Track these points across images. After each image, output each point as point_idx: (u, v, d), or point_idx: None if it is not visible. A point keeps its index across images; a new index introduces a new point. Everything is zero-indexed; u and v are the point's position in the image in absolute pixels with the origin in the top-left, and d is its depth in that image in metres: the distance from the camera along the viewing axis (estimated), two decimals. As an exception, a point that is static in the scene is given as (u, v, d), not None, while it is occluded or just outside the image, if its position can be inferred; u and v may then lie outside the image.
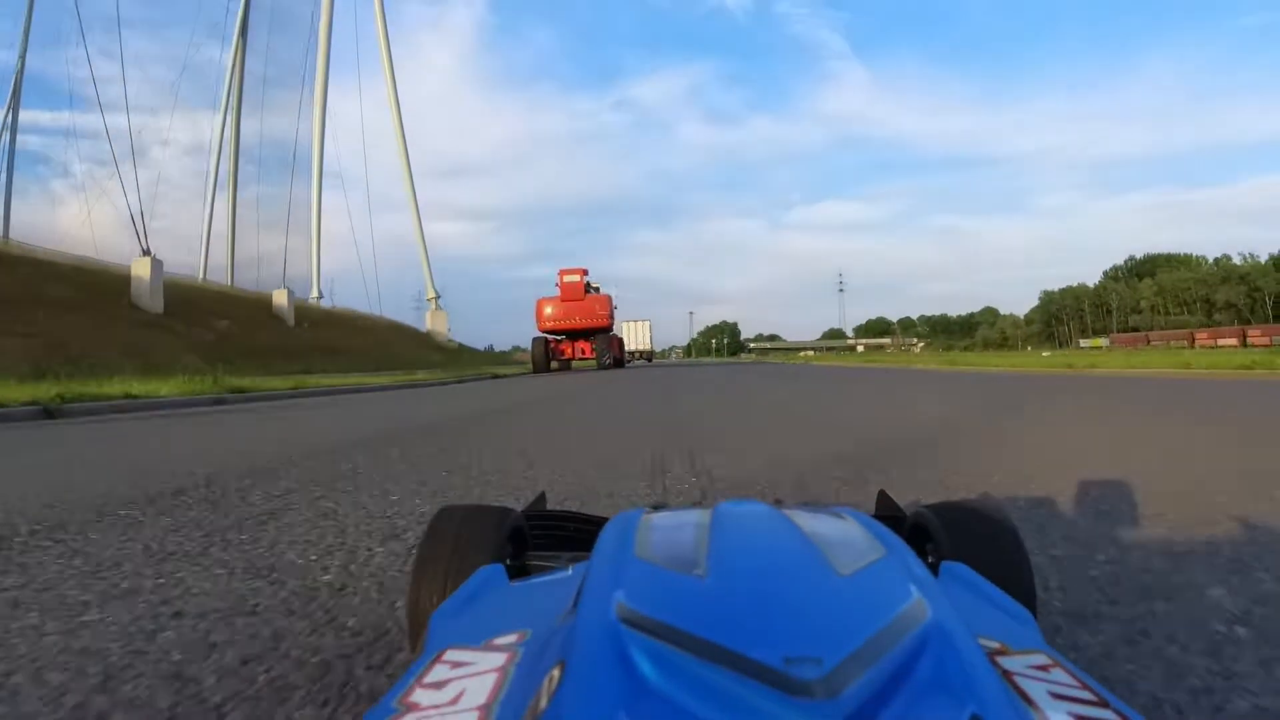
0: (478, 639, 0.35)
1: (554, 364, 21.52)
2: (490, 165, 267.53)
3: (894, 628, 0.28)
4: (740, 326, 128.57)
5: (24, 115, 25.58)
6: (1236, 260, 67.90)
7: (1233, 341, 31.53)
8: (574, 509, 0.91)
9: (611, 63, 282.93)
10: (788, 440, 2.90)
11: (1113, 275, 79.71)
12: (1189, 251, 74.09)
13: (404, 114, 30.77)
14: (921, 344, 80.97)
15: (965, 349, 44.04)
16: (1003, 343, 70.83)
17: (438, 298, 34.31)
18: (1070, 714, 0.27)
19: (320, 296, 28.50)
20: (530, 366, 21.17)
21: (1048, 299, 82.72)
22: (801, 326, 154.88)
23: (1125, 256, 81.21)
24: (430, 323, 33.56)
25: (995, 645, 0.34)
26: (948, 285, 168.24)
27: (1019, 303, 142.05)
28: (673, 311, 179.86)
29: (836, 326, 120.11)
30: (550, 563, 0.61)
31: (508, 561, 0.58)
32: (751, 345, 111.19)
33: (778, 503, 0.49)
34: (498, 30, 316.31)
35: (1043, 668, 0.32)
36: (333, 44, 29.81)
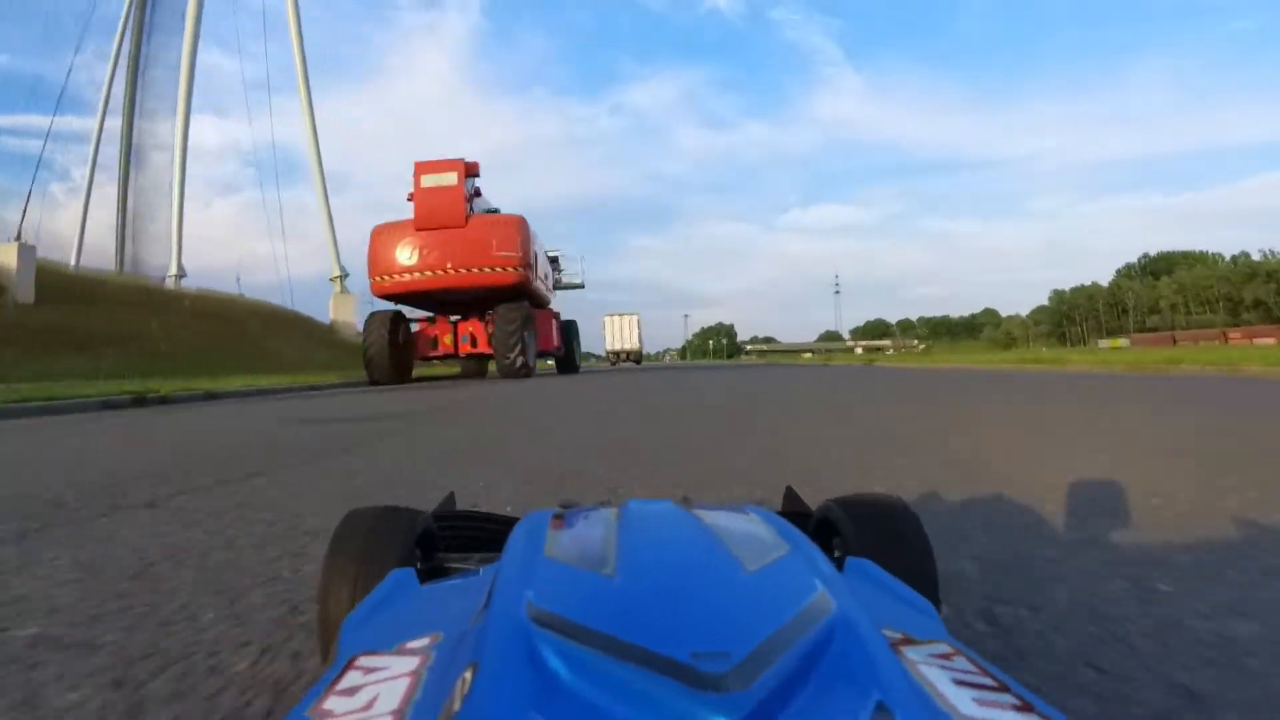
0: (389, 644, 0.34)
1: (418, 362, 12.09)
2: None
3: (799, 621, 0.29)
4: (736, 329, 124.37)
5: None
6: (1256, 257, 63.73)
7: (1270, 340, 29.28)
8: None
9: (607, 68, 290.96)
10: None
11: (1126, 274, 75.63)
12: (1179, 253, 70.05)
13: (311, 74, 25.78)
14: (923, 345, 76.91)
15: (954, 351, 39.98)
16: (1010, 344, 66.57)
17: (343, 277, 26.35)
18: (973, 699, 0.28)
19: (181, 275, 23.60)
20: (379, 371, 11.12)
21: (1058, 299, 78.60)
22: (796, 329, 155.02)
23: (1139, 255, 77.37)
24: (334, 311, 25.88)
25: (899, 636, 0.34)
26: (940, 288, 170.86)
27: (1014, 304, 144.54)
28: (668, 315, 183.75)
29: (833, 329, 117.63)
30: (461, 564, 0.60)
31: (418, 565, 0.56)
32: (749, 348, 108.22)
33: (685, 501, 0.50)
34: (492, 36, 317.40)
35: (945, 656, 0.32)
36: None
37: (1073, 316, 75.49)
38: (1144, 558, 0.94)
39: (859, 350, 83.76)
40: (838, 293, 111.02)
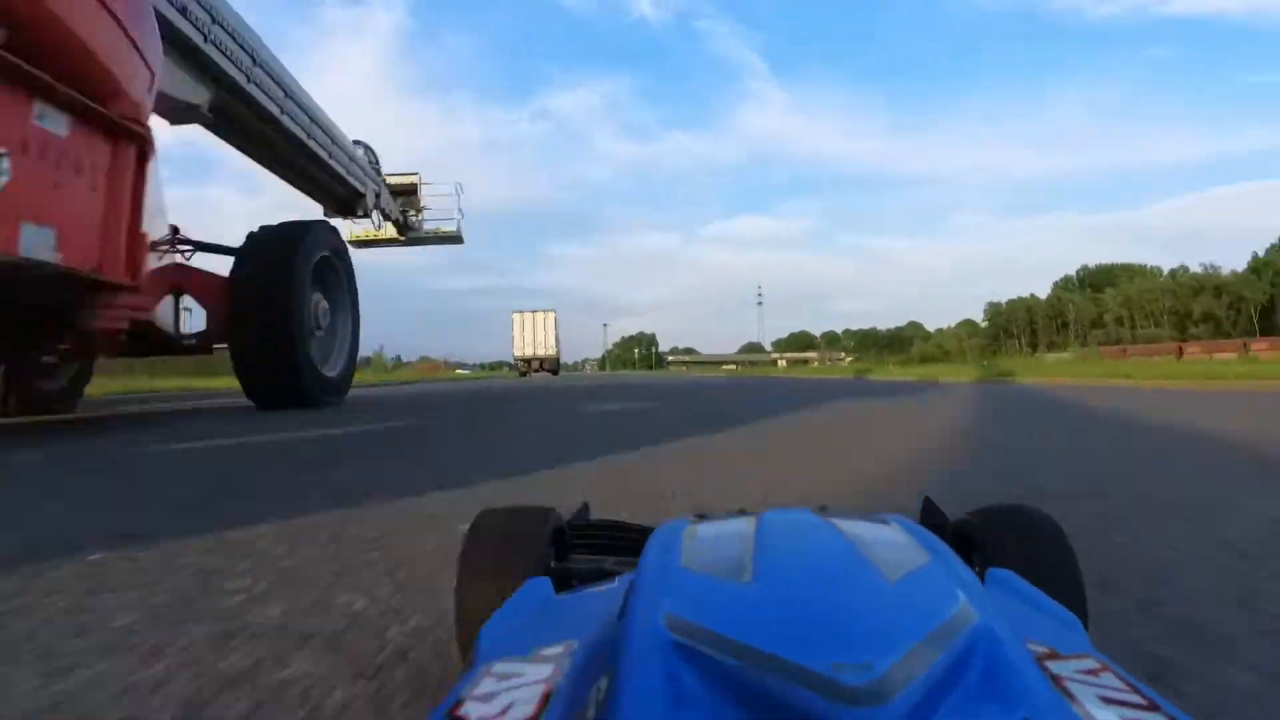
0: (525, 650, 0.35)
1: None
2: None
3: (942, 632, 0.29)
4: (657, 339, 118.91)
5: None
6: (1195, 270, 58.94)
7: (1231, 354, 27.36)
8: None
9: (531, 73, 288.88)
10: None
11: (1064, 286, 70.53)
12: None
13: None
14: (850, 358, 70.15)
15: (902, 363, 37.13)
16: (942, 357, 59.55)
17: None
18: (1120, 717, 0.28)
19: None
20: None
21: (994, 311, 72.85)
22: (717, 340, 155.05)
23: (1078, 267, 74.16)
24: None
25: (1044, 650, 0.34)
26: (862, 302, 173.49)
27: (937, 318, 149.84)
28: (587, 323, 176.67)
29: (755, 340, 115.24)
30: (595, 565, 0.61)
31: (552, 564, 0.58)
32: (670, 358, 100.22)
33: (823, 510, 0.48)
34: (416, 36, 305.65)
35: (1092, 671, 0.32)
36: None
37: (1010, 329, 69.08)
38: None
39: (782, 363, 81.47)
40: (760, 303, 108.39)
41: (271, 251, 5.07)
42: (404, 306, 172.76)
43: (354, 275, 6.29)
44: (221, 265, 5.12)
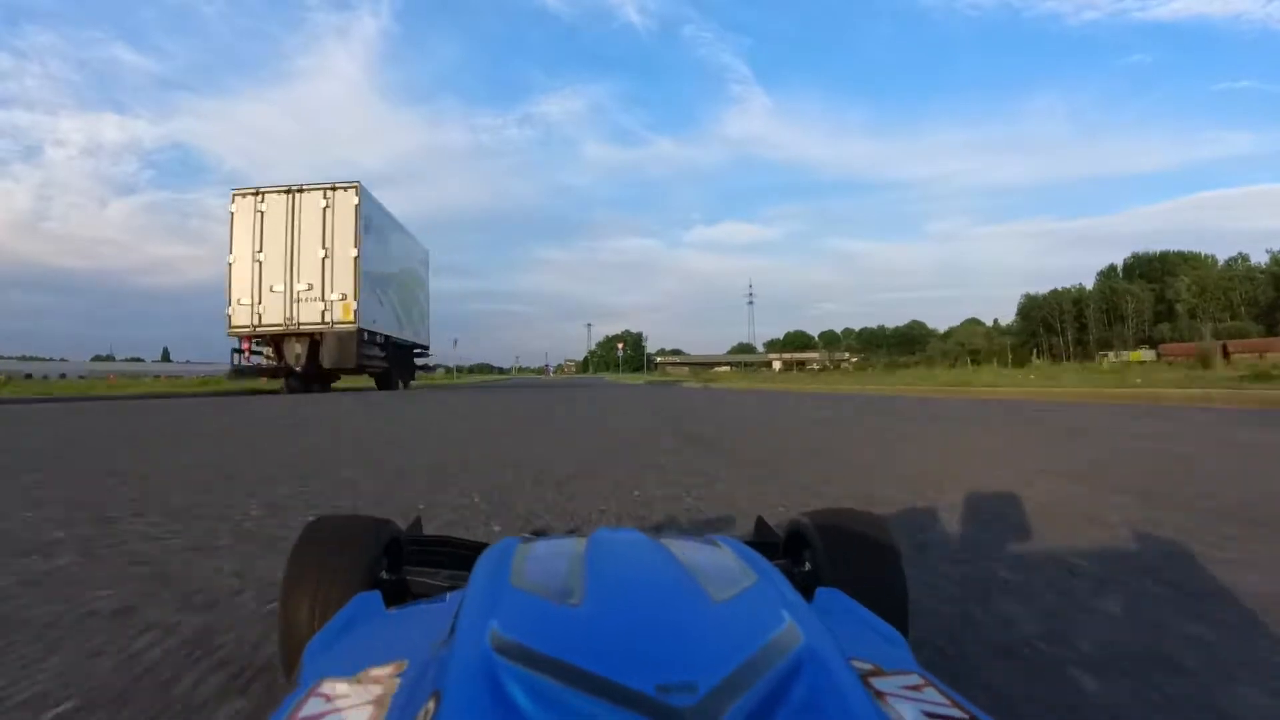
0: (353, 669, 0.35)
1: None
2: (392, 177, 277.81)
3: (767, 652, 0.29)
4: (645, 338, 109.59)
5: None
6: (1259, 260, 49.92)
7: None
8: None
9: (517, 78, 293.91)
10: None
11: (1108, 276, 60.88)
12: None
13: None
14: (854, 359, 61.48)
15: (919, 364, 31.51)
16: (974, 359, 49.98)
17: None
18: None
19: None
20: None
21: (1029, 304, 62.83)
22: (704, 342, 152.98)
23: (1125, 255, 63.73)
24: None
25: (868, 667, 0.34)
26: (842, 305, 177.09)
27: (933, 321, 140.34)
28: (571, 328, 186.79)
29: (745, 341, 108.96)
30: (427, 578, 0.62)
31: (384, 574, 0.60)
32: (659, 359, 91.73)
33: (654, 531, 0.53)
34: (402, 41, 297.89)
35: (915, 687, 0.32)
36: None
37: (1051, 324, 59.35)
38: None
39: (777, 365, 76.84)
40: (751, 302, 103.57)
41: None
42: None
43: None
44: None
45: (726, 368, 76.35)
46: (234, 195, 13.77)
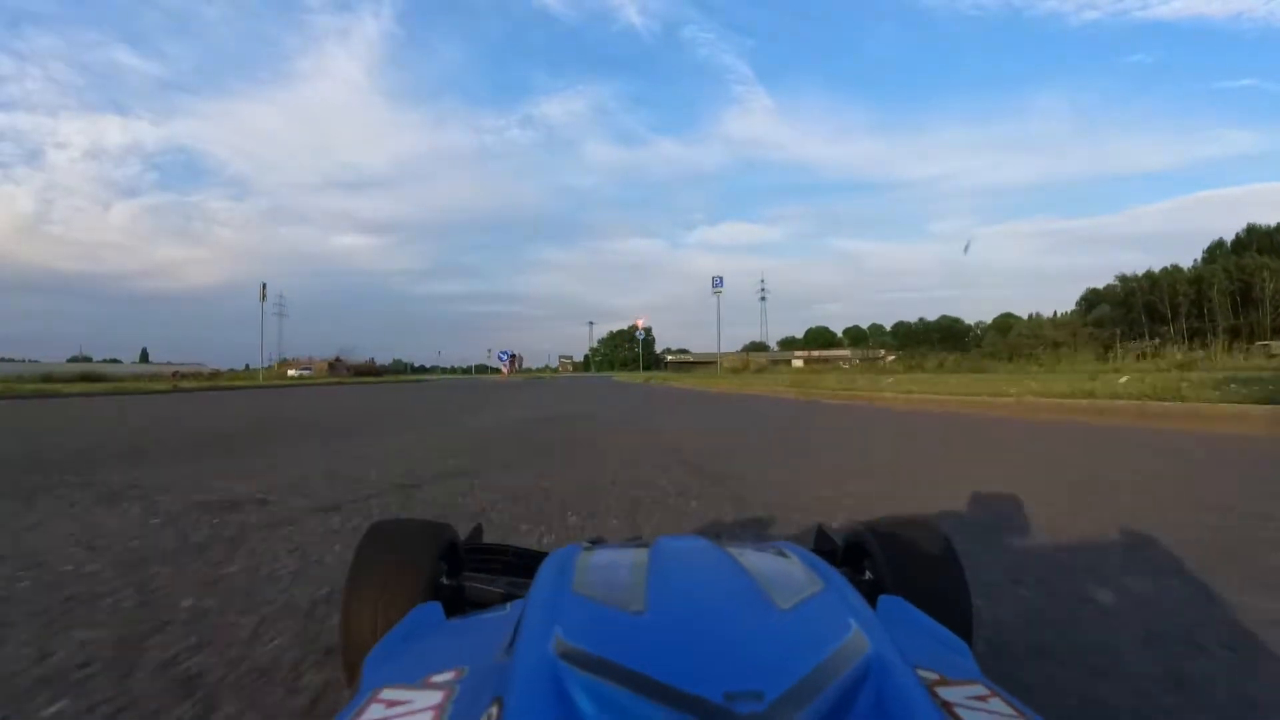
0: (414, 677, 0.35)
1: None
2: (395, 180, 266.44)
3: (834, 661, 0.29)
4: (654, 335, 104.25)
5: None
6: None
7: None
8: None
9: (519, 80, 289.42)
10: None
11: (1214, 253, 49.41)
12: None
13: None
14: (890, 357, 49.80)
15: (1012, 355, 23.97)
16: (1040, 352, 38.61)
17: None
18: None
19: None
20: None
21: (1125, 284, 51.12)
22: (711, 341, 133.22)
23: (1238, 229, 52.37)
24: None
25: (934, 676, 0.34)
26: (846, 305, 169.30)
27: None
28: (574, 329, 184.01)
29: (758, 340, 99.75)
30: (487, 585, 0.63)
31: (444, 579, 0.61)
32: (669, 358, 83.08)
33: (718, 538, 0.51)
34: (405, 44, 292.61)
35: (981, 698, 0.32)
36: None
37: (1157, 310, 47.67)
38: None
39: (797, 364, 66.89)
40: (764, 299, 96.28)
41: None
42: (379, 310, 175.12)
43: None
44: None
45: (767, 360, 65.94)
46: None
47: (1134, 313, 54.58)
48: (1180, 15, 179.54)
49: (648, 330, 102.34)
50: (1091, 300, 56.80)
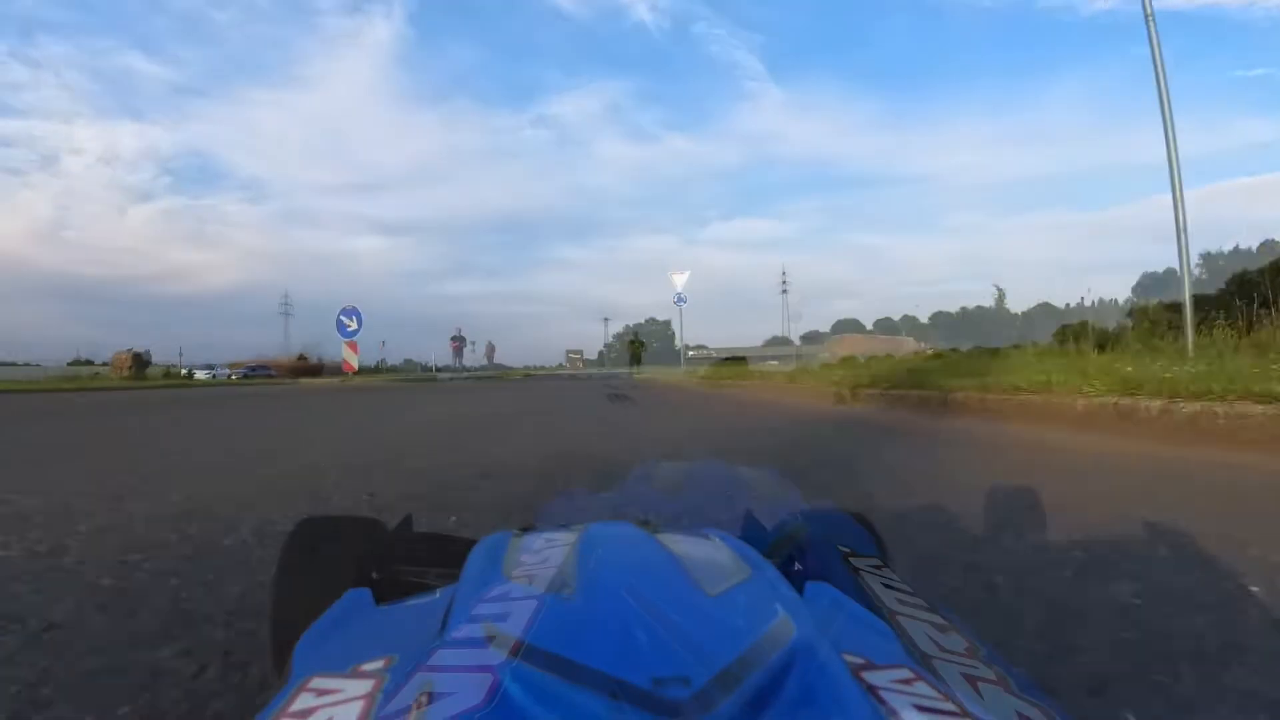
0: (344, 665, 0.35)
1: None
2: (408, 181, 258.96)
3: (761, 646, 0.30)
4: (673, 329, 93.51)
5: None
6: None
7: None
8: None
9: (531, 79, 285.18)
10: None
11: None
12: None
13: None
14: (929, 350, 42.49)
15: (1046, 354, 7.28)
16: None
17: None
18: None
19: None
20: None
21: (1209, 264, 43.99)
22: (729, 337, 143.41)
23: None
24: None
25: (860, 661, 0.34)
26: (862, 301, 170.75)
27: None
28: (589, 327, 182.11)
29: (780, 334, 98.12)
30: (418, 578, 0.62)
31: (374, 575, 0.60)
32: (691, 353, 76.29)
33: (646, 524, 0.52)
34: (417, 45, 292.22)
35: (906, 681, 0.33)
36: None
37: (1245, 291, 39.83)
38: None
39: (825, 357, 53.09)
40: (785, 292, 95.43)
41: None
42: (396, 311, 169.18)
43: None
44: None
45: (774, 363, 59.71)
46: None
47: (1226, 295, 46.94)
48: (1193, 4, 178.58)
49: (666, 324, 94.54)
50: (1147, 285, 49.59)
